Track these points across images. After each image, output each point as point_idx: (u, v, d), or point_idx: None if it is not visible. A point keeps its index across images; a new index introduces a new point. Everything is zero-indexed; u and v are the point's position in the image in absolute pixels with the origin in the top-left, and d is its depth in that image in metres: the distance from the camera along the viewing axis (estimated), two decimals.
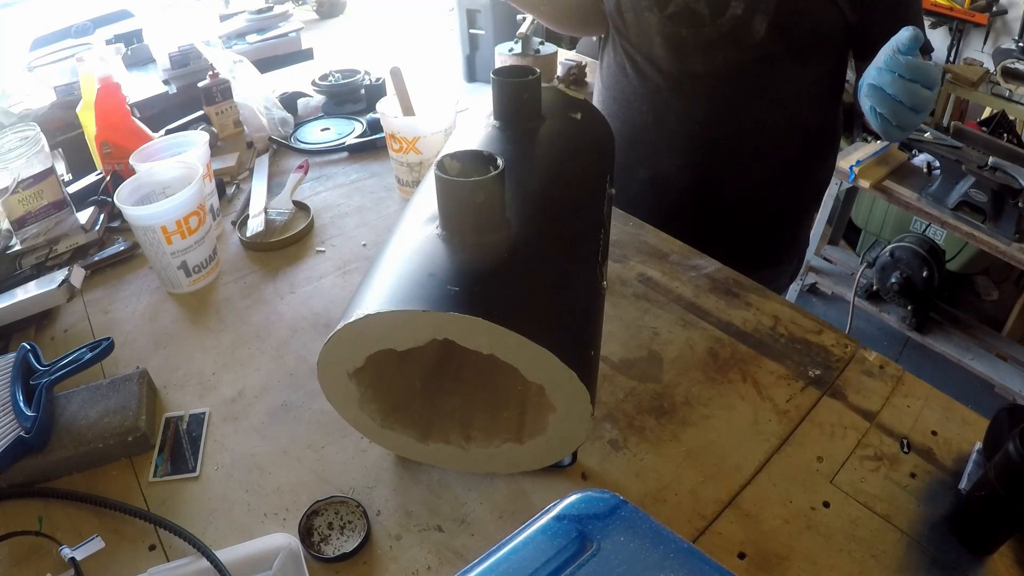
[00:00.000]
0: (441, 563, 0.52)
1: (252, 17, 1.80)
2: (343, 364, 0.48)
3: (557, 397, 0.46)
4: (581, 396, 0.45)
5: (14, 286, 0.81)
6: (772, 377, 0.67)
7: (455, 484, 0.58)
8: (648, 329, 0.73)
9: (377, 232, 0.93)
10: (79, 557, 0.51)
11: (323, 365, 0.49)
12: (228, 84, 1.14)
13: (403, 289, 0.44)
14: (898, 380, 0.67)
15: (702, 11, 0.88)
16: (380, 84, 1.29)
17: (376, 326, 0.44)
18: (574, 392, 0.44)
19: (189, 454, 0.62)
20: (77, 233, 0.92)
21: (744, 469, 0.58)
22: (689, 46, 0.91)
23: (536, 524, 0.36)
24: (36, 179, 0.89)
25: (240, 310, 0.80)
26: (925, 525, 0.53)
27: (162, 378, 0.70)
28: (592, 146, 0.67)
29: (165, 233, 0.77)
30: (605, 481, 0.58)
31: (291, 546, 0.51)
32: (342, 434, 0.63)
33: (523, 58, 2.14)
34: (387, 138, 0.96)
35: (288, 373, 0.70)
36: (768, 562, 0.51)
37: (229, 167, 1.06)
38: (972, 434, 0.61)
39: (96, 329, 0.79)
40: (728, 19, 0.87)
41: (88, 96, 1.02)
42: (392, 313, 0.43)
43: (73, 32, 1.72)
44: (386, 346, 0.45)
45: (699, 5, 0.88)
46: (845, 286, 2.18)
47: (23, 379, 0.64)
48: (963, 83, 2.16)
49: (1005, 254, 1.69)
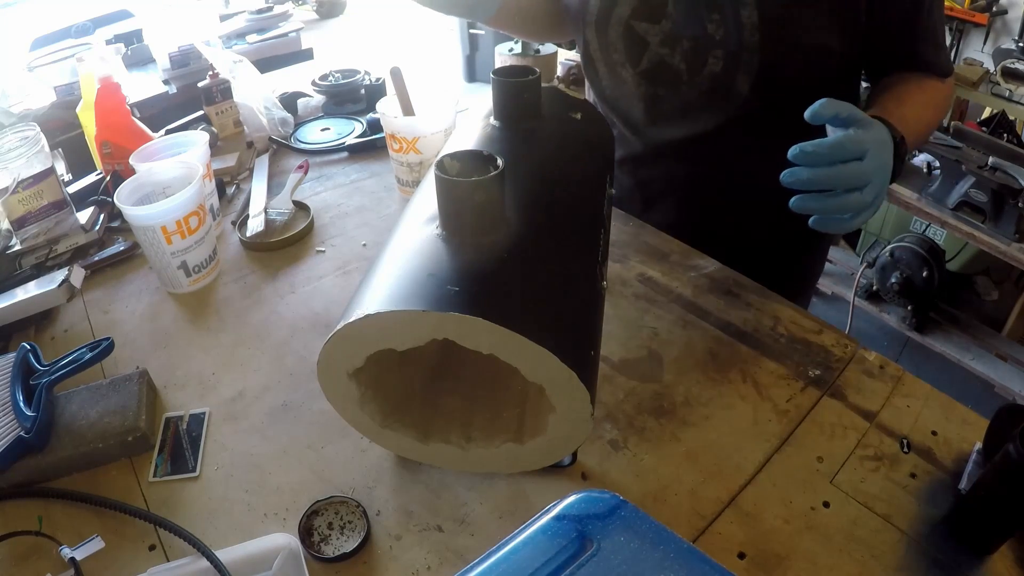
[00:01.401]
0: (441, 563, 0.52)
1: (252, 17, 1.80)
2: (343, 364, 0.48)
3: (557, 397, 0.46)
4: (581, 396, 0.45)
5: (14, 286, 0.81)
6: (772, 377, 0.67)
7: (455, 484, 0.58)
8: (648, 329, 0.73)
9: (377, 232, 0.93)
10: (79, 557, 0.51)
11: (323, 365, 0.49)
12: (228, 84, 1.14)
13: (403, 289, 0.44)
14: (898, 380, 0.67)
15: (678, 65, 0.81)
16: (380, 84, 1.29)
17: (376, 326, 0.44)
18: (574, 392, 0.44)
19: (189, 454, 0.62)
20: (77, 233, 0.92)
21: (744, 469, 0.58)
22: (666, 107, 0.85)
23: (536, 524, 0.36)
24: (36, 179, 0.89)
25: (240, 310, 0.80)
26: (925, 525, 0.53)
27: (162, 378, 0.70)
28: (592, 146, 0.67)
29: (165, 233, 0.77)
30: (605, 481, 0.58)
31: (291, 546, 0.51)
32: (342, 434, 0.63)
33: (523, 58, 2.15)
34: (387, 138, 0.96)
35: (288, 373, 0.70)
36: (768, 562, 0.51)
37: (229, 167, 1.06)
38: (972, 434, 0.61)
39: (96, 329, 0.79)
40: (707, 76, 0.80)
41: (88, 96, 1.02)
42: (392, 313, 0.43)
43: (73, 32, 1.72)
44: (386, 346, 0.45)
45: (674, 59, 0.81)
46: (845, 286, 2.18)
47: (23, 379, 0.64)
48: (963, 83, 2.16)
49: (1005, 254, 1.69)
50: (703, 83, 0.82)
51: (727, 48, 0.78)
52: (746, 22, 0.75)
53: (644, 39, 0.83)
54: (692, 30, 0.79)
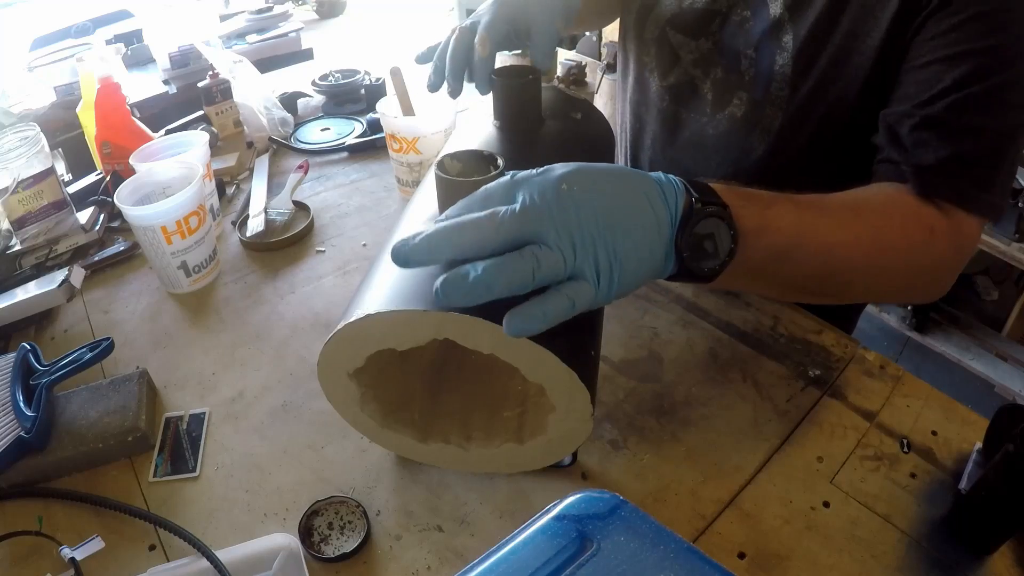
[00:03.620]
0: (441, 563, 0.52)
1: (252, 17, 1.80)
2: (343, 364, 0.48)
3: (557, 397, 0.46)
4: (581, 396, 0.45)
5: (14, 286, 0.81)
6: (772, 377, 0.67)
7: (455, 484, 0.58)
8: (648, 329, 0.73)
9: (377, 232, 0.93)
10: (79, 557, 0.51)
11: (323, 365, 0.49)
12: (228, 84, 1.14)
13: (404, 289, 0.44)
14: (898, 380, 0.67)
15: (706, 93, 0.74)
16: (380, 84, 1.29)
17: (376, 326, 0.44)
18: (574, 392, 0.44)
19: (189, 454, 0.62)
20: (77, 233, 0.92)
21: (744, 469, 0.58)
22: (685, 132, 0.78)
23: (536, 524, 0.36)
24: (36, 179, 0.89)
25: (240, 310, 0.80)
26: (925, 525, 0.53)
27: (162, 378, 0.70)
28: (592, 146, 0.67)
29: (165, 233, 0.77)
30: (605, 481, 0.58)
31: (291, 546, 0.51)
32: (342, 434, 0.63)
33: (523, 58, 2.15)
34: (387, 138, 0.96)
35: (288, 373, 0.70)
36: (768, 562, 0.51)
37: (229, 167, 1.06)
38: (972, 434, 0.61)
39: (96, 329, 0.79)
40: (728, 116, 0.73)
41: (88, 96, 1.02)
42: (392, 313, 0.43)
43: (73, 32, 1.72)
44: (387, 346, 0.45)
45: (705, 85, 0.75)
46: None
47: (23, 379, 0.64)
48: None
49: (1005, 254, 1.69)
50: (722, 123, 0.75)
51: (753, 95, 0.71)
52: (777, 72, 0.68)
53: (676, 52, 0.77)
54: (728, 60, 0.72)
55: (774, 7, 0.67)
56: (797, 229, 0.48)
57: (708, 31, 0.73)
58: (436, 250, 0.39)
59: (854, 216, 0.52)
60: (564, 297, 0.38)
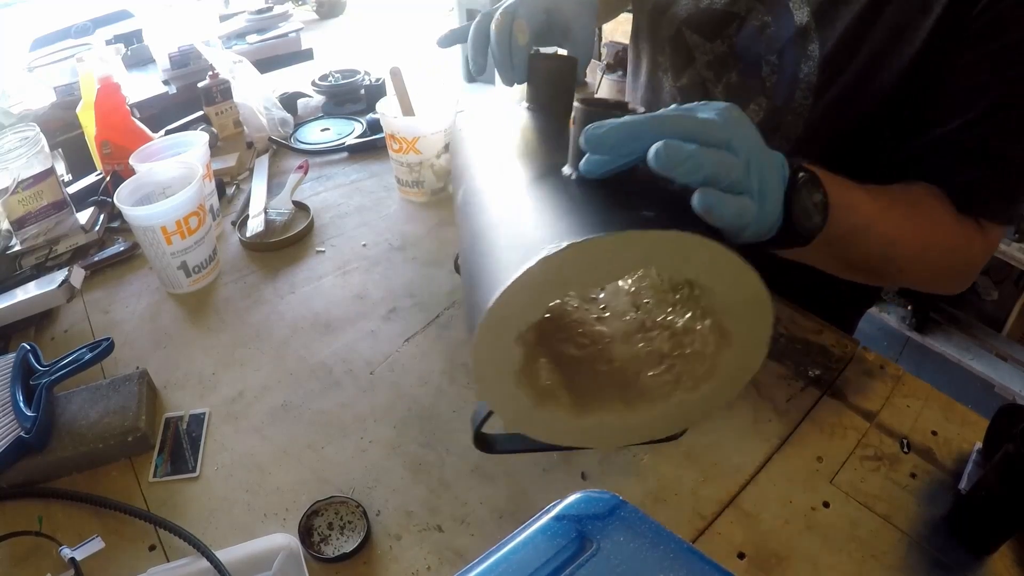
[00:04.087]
0: (441, 563, 0.52)
1: (252, 17, 1.80)
2: (513, 322, 0.37)
3: (739, 322, 0.39)
4: (763, 316, 0.39)
5: (14, 286, 0.81)
6: (772, 377, 0.67)
7: (455, 484, 0.58)
8: None
9: (377, 232, 0.93)
10: (79, 557, 0.51)
11: (488, 326, 0.36)
12: (228, 84, 1.14)
13: (593, 218, 0.36)
14: (898, 380, 0.67)
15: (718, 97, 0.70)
16: (380, 84, 1.29)
17: (575, 262, 0.34)
18: (758, 316, 0.39)
19: (189, 454, 0.62)
20: (77, 233, 0.92)
21: (744, 469, 0.58)
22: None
23: (536, 524, 0.36)
24: (36, 179, 0.89)
25: (240, 310, 0.80)
26: (925, 525, 0.53)
27: (162, 378, 0.70)
28: None
29: (165, 233, 0.77)
30: (605, 481, 0.58)
31: (291, 546, 0.51)
32: (342, 434, 0.63)
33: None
34: (387, 138, 0.96)
35: (288, 373, 0.70)
36: (768, 562, 0.51)
37: (229, 167, 1.06)
38: (972, 434, 0.61)
39: (96, 329, 0.79)
40: None
41: (88, 96, 1.02)
42: (602, 240, 0.33)
43: (73, 32, 1.72)
44: (572, 289, 0.38)
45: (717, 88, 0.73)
46: None
47: (23, 379, 0.64)
48: None
49: (1005, 254, 1.69)
50: None
51: (773, 101, 0.69)
52: (803, 80, 0.66)
53: (691, 53, 0.75)
54: (746, 64, 0.70)
55: (799, 15, 0.66)
56: (872, 214, 0.52)
57: (725, 34, 0.72)
58: (638, 136, 0.37)
59: (914, 212, 0.57)
60: (749, 202, 0.38)
